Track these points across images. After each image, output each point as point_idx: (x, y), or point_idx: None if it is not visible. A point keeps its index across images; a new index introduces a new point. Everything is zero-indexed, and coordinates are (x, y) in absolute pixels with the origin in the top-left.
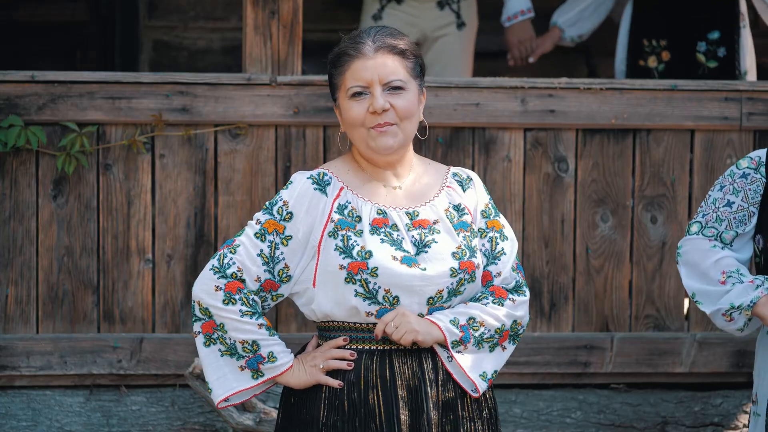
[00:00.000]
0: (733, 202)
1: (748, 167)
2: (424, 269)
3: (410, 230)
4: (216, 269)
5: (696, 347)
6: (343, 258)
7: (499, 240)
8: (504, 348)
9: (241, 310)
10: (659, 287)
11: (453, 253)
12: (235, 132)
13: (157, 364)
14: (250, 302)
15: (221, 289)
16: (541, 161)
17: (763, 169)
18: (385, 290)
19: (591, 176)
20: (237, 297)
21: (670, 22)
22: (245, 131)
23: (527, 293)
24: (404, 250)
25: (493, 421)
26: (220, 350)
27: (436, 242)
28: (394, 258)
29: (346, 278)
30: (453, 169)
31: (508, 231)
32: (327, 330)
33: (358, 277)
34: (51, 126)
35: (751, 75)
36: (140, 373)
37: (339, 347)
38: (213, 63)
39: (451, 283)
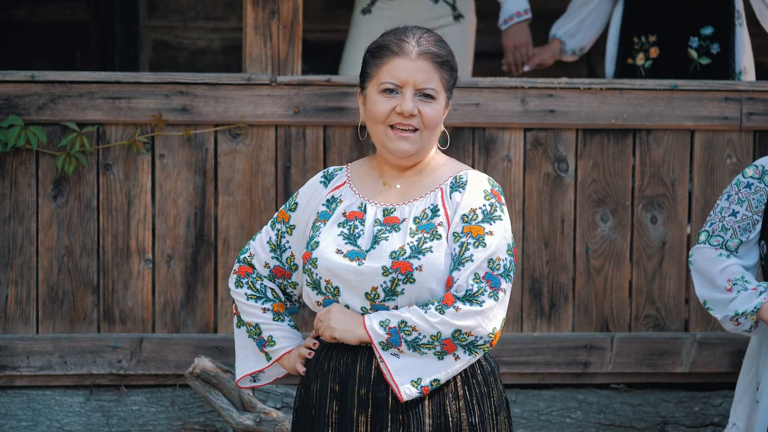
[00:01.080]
0: (738, 212)
1: (752, 177)
2: (361, 264)
3: (375, 226)
4: (239, 254)
5: (696, 347)
6: (305, 248)
7: (470, 246)
8: (457, 357)
9: (246, 293)
10: (659, 287)
11: (392, 252)
12: (235, 132)
13: (157, 364)
14: (257, 286)
15: (236, 272)
16: (541, 161)
17: (766, 178)
18: (325, 281)
19: (591, 176)
20: (245, 281)
21: (662, 17)
22: (245, 131)
23: (485, 304)
24: (356, 245)
25: None
26: (246, 331)
27: (386, 240)
28: (339, 251)
29: (303, 267)
30: (461, 172)
31: (491, 239)
32: None
33: (306, 266)
34: (51, 126)
35: (750, 75)
36: (140, 373)
37: (315, 337)
38: (213, 63)
39: (384, 282)
